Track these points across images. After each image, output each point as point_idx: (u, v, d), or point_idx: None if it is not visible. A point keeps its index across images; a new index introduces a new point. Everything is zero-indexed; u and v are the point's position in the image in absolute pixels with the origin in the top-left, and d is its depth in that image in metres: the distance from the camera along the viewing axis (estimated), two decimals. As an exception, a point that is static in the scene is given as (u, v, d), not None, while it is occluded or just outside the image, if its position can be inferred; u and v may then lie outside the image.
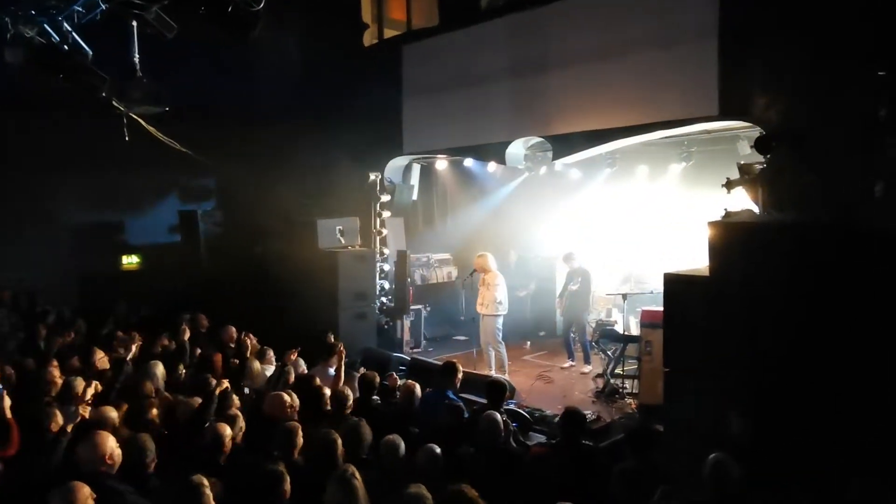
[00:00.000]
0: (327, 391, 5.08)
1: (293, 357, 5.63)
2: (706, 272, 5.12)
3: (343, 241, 8.96)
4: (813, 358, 4.55)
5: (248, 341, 6.32)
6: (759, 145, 5.78)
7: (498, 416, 4.54)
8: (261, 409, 4.66)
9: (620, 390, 7.41)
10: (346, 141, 9.73)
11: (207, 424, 4.10)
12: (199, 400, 4.56)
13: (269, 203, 9.56)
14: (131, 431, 3.94)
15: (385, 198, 9.60)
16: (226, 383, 4.60)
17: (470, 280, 8.61)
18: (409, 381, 5.53)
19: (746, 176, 5.89)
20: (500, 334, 8.09)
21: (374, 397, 5.39)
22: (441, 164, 10.18)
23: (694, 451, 4.11)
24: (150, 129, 6.95)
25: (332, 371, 5.92)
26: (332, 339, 6.52)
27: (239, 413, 4.32)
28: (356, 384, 5.48)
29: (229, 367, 5.84)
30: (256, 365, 5.99)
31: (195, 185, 10.95)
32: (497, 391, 5.21)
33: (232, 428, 4.13)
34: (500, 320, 8.09)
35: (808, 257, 4.60)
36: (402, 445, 3.97)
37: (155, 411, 4.35)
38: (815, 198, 5.38)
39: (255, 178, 9.88)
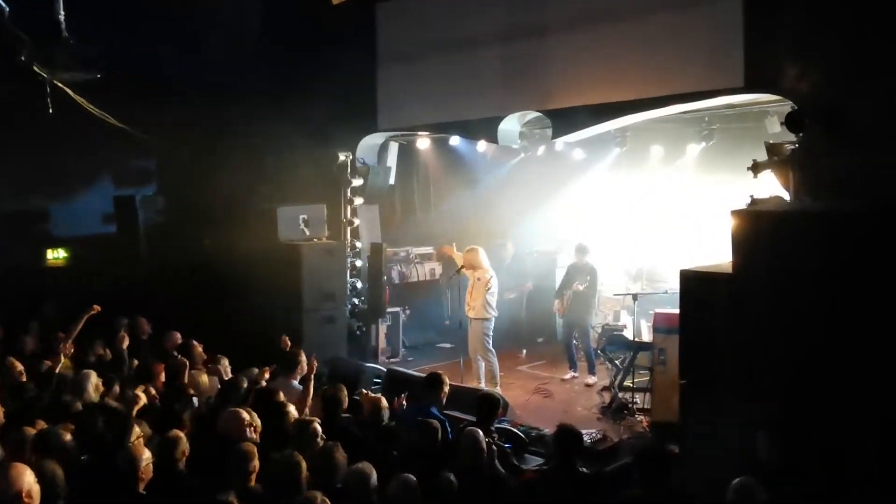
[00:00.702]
0: (292, 409, 5.07)
1: (266, 374, 5.66)
2: (729, 268, 5.13)
3: (307, 233, 8.97)
4: (854, 368, 4.54)
5: (196, 349, 6.30)
6: (790, 122, 5.81)
7: (479, 433, 4.56)
8: (213, 427, 4.64)
9: (630, 405, 7.46)
10: (311, 116, 9.63)
11: (123, 448, 4.05)
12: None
13: (221, 188, 9.49)
14: (39, 458, 3.86)
15: (357, 182, 9.59)
16: (143, 399, 4.51)
17: (457, 279, 8.61)
18: (374, 394, 5.55)
19: (776, 157, 5.92)
20: (490, 341, 8.10)
21: (345, 416, 5.38)
22: (423, 142, 10.17)
23: (715, 475, 4.12)
24: (79, 99, 6.83)
25: (295, 384, 5.90)
26: (289, 345, 6.50)
27: (180, 435, 4.26)
28: (319, 400, 5.48)
29: (173, 380, 5.80)
30: (205, 377, 5.98)
31: (133, 167, 10.82)
32: (488, 407, 5.22)
33: (172, 450, 4.08)
34: (491, 325, 8.11)
35: (847, 250, 4.60)
36: (374, 476, 3.94)
37: (68, 436, 4.26)
38: (854, 182, 5.40)
39: (204, 159, 9.78)
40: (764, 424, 4.80)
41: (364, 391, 5.78)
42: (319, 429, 4.66)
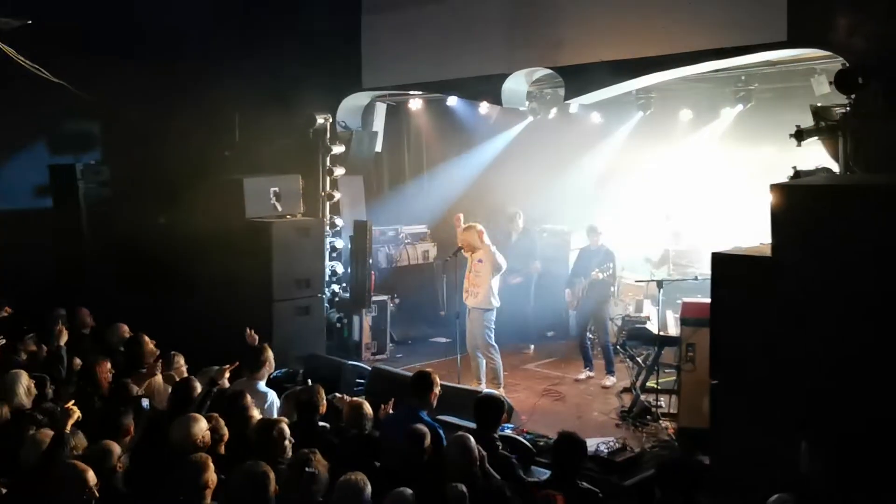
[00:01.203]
0: (256, 414, 5.10)
1: (226, 374, 5.65)
2: (769, 251, 5.07)
3: (279, 208, 8.90)
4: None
5: (147, 345, 6.25)
6: (840, 82, 5.76)
7: (470, 439, 4.57)
8: (166, 436, 4.62)
9: (653, 410, 7.46)
10: (285, 72, 9.61)
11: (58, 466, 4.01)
12: (50, 433, 4.47)
13: (178, 156, 9.48)
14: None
15: (337, 149, 9.53)
16: (76, 415, 4.43)
17: (454, 261, 8.54)
18: (357, 398, 5.56)
19: (823, 123, 5.92)
20: (493, 335, 8.09)
21: (322, 424, 5.37)
22: (415, 103, 10.16)
23: (750, 491, 4.09)
24: (7, 49, 6.69)
25: (262, 386, 5.89)
26: (256, 340, 6.49)
27: (111, 446, 4.20)
28: (292, 404, 5.49)
29: (120, 380, 5.75)
30: (158, 378, 5.94)
31: (73, 131, 10.76)
32: (489, 411, 5.20)
33: (100, 464, 4.04)
34: (493, 315, 8.08)
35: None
36: (368, 490, 3.96)
37: None
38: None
39: (158, 122, 9.73)
40: (807, 433, 4.77)
41: (338, 395, 5.72)
42: (287, 430, 4.64)
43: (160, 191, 9.60)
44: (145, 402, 5.33)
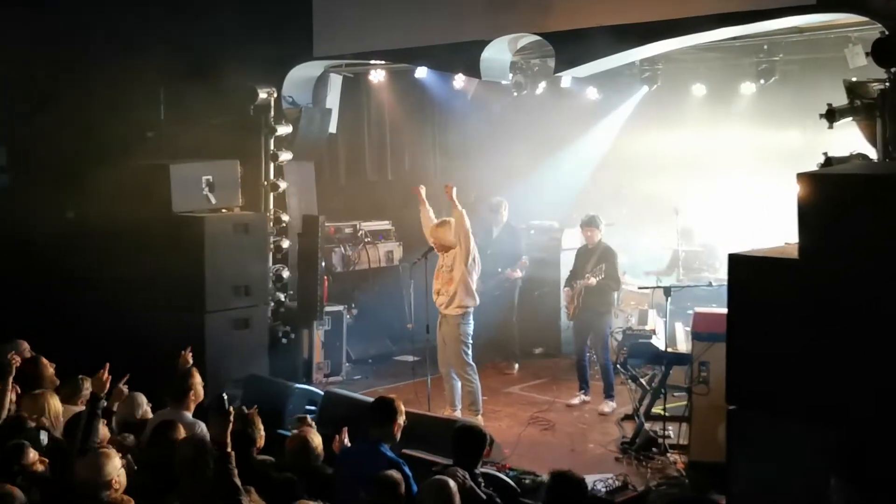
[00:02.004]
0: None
1: (106, 384, 5.47)
2: (795, 252, 5.12)
3: (213, 200, 8.91)
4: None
5: (46, 369, 6.19)
6: (879, 53, 5.82)
7: (450, 484, 4.58)
8: (71, 472, 4.64)
9: (660, 441, 7.48)
10: (220, 37, 9.52)
11: None
12: None
13: (89, 136, 9.37)
14: None
15: (283, 129, 9.52)
16: None
17: (423, 263, 8.53)
18: (302, 429, 5.54)
19: (859, 101, 5.98)
20: (470, 351, 8.10)
21: (263, 457, 5.36)
22: (377, 76, 10.13)
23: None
24: None
25: (188, 416, 5.89)
26: (190, 363, 6.48)
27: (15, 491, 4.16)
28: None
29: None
30: (56, 403, 5.86)
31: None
32: (467, 444, 5.26)
33: None
34: (471, 322, 8.09)
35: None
36: None
37: None
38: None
39: (64, 94, 9.62)
40: (839, 466, 4.80)
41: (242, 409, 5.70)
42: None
43: (68, 179, 9.48)
44: (44, 436, 5.30)
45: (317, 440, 5.34)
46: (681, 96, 10.15)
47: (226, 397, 4.70)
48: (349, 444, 5.65)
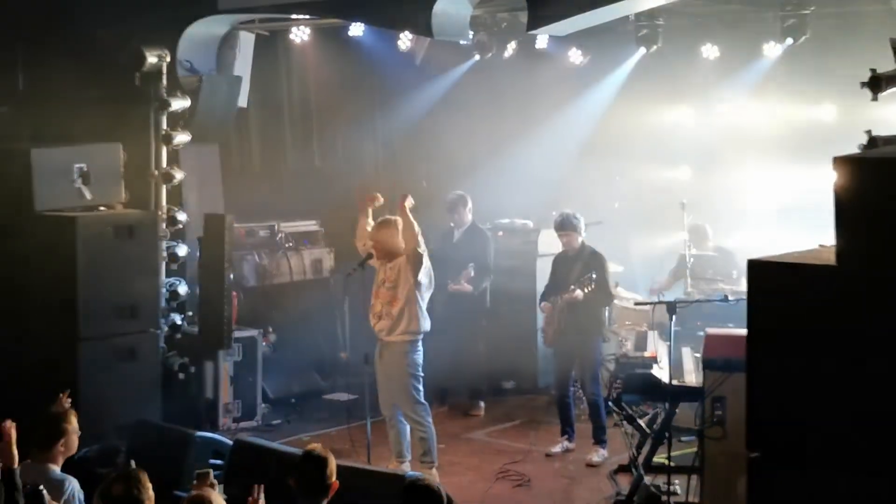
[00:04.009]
0: None
1: None
2: (831, 256, 5.15)
3: (88, 195, 8.93)
4: None
5: None
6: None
7: None
8: None
9: (664, 497, 7.54)
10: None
11: None
12: None
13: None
14: None
15: (180, 103, 9.51)
16: None
17: (360, 275, 8.47)
18: (202, 489, 5.42)
19: (910, 67, 6.01)
20: (421, 386, 8.08)
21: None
22: (299, 34, 10.26)
23: None
24: None
25: (56, 470, 5.83)
26: (65, 405, 6.40)
27: None
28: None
29: None
30: None
31: None
32: None
33: None
34: (420, 354, 8.11)
35: None
36: None
37: None
38: None
39: None
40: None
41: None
42: None
43: None
44: None
45: (220, 501, 5.26)
46: (687, 60, 10.26)
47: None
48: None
